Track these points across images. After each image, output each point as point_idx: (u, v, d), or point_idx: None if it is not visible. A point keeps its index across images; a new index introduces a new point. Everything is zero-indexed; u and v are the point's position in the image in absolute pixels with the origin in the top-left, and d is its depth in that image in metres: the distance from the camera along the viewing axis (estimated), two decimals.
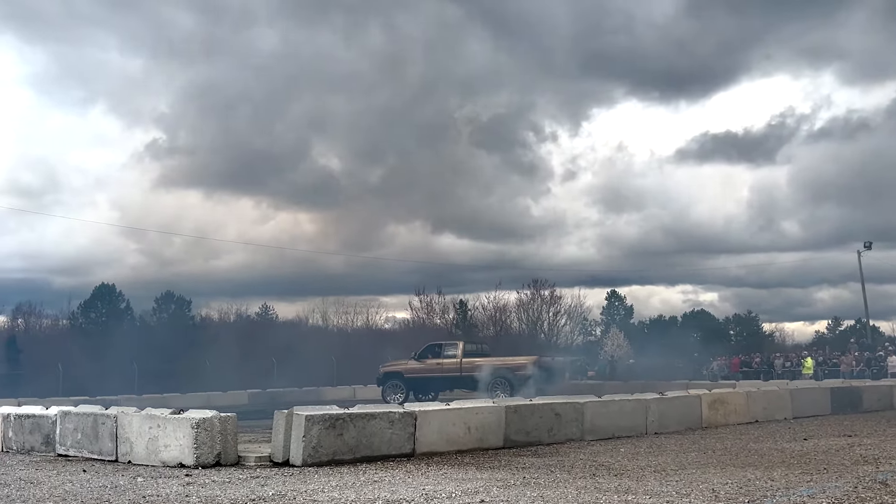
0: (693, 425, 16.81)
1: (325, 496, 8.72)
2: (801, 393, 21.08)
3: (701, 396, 17.80)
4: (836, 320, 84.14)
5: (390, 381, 30.49)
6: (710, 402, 17.66)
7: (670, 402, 16.91)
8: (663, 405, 16.54)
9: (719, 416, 17.63)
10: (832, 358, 43.23)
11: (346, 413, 11.87)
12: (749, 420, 18.23)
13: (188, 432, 11.35)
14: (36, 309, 58.67)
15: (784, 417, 19.12)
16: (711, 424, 17.18)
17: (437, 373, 29.79)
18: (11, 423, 14.17)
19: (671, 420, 16.39)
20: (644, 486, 9.22)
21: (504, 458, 12.04)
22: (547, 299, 70.12)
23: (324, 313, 68.75)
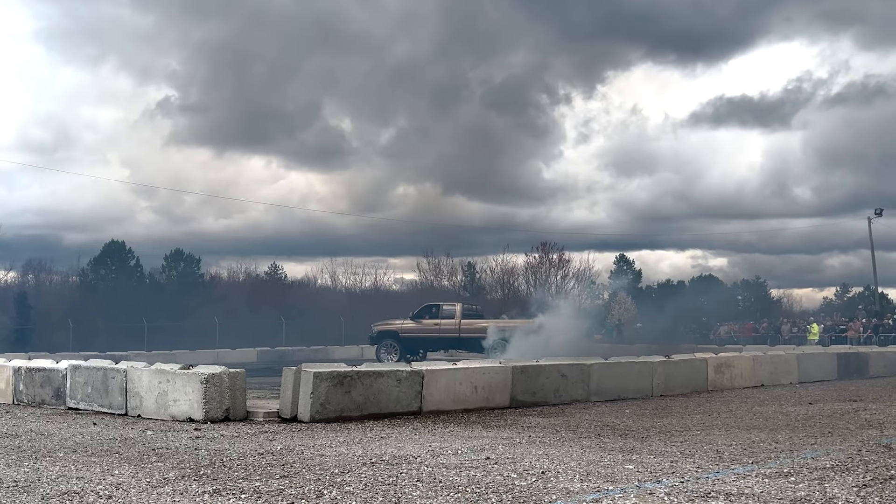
0: (699, 388, 16.88)
1: (332, 451, 8.81)
2: (807, 358, 21.12)
3: (707, 360, 17.85)
4: (844, 287, 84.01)
5: (385, 340, 30.54)
6: (716, 366, 17.72)
7: (676, 364, 16.97)
8: (669, 368, 16.60)
9: (725, 380, 17.70)
10: (840, 324, 43.21)
11: (353, 371, 11.96)
12: (755, 384, 18.30)
13: (197, 387, 11.45)
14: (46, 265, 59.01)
15: (790, 382, 19.18)
16: (717, 388, 17.24)
17: (434, 333, 29.91)
18: (22, 377, 14.31)
19: (677, 383, 16.46)
20: (649, 446, 9.29)
21: (510, 418, 12.13)
22: (555, 262, 70.23)
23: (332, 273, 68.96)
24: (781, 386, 18.43)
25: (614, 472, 7.53)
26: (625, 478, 7.27)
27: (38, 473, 7.48)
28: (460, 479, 7.20)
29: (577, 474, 7.42)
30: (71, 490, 6.69)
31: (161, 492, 6.65)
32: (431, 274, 69.02)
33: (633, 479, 7.18)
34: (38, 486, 6.89)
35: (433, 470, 7.64)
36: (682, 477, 7.32)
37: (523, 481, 7.08)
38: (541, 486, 6.90)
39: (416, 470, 7.63)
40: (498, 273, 69.36)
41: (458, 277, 69.80)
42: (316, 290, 62.83)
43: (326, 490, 6.70)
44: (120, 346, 31.94)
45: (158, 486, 6.87)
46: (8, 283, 52.65)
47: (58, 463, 8.07)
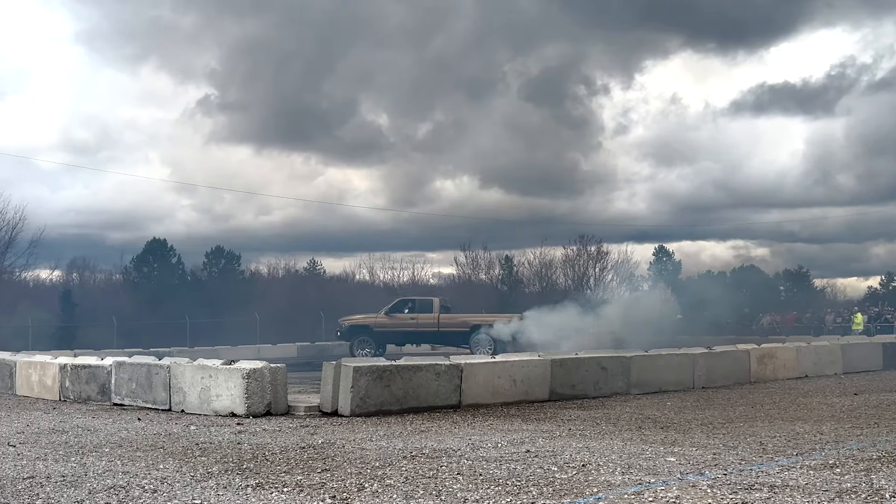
0: (741, 380, 16.69)
1: (373, 445, 8.85)
2: (852, 348, 20.78)
3: (749, 351, 17.65)
4: (889, 276, 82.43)
5: (358, 335, 29.97)
6: (758, 357, 17.52)
7: (718, 356, 16.80)
8: (711, 360, 16.44)
9: (768, 371, 17.48)
10: (885, 314, 42.46)
11: (392, 365, 12.00)
12: (798, 375, 18.06)
13: (239, 382, 11.57)
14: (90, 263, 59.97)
15: (834, 373, 18.90)
16: (760, 379, 17.05)
17: (410, 327, 29.63)
18: (68, 374, 14.57)
19: (719, 374, 16.29)
20: (691, 438, 9.21)
21: (549, 411, 12.09)
22: (593, 255, 69.84)
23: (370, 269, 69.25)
24: (826, 377, 18.17)
25: (656, 465, 7.48)
26: (667, 470, 7.22)
27: (84, 468, 7.61)
28: (500, 472, 7.20)
29: (619, 467, 7.38)
30: (117, 484, 6.80)
31: (205, 486, 6.73)
32: (469, 268, 69.00)
33: (675, 472, 7.13)
34: (85, 480, 7.01)
35: (473, 463, 7.64)
36: (726, 469, 7.25)
37: (564, 474, 7.06)
38: (581, 478, 6.87)
39: (456, 463, 7.65)
40: (536, 266, 69.15)
41: (496, 271, 69.66)
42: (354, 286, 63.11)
43: (368, 483, 6.74)
44: (163, 343, 32.34)
45: (202, 481, 6.96)
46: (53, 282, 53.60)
47: (104, 458, 8.21)
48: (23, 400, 14.85)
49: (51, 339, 37.03)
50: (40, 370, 15.36)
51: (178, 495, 6.37)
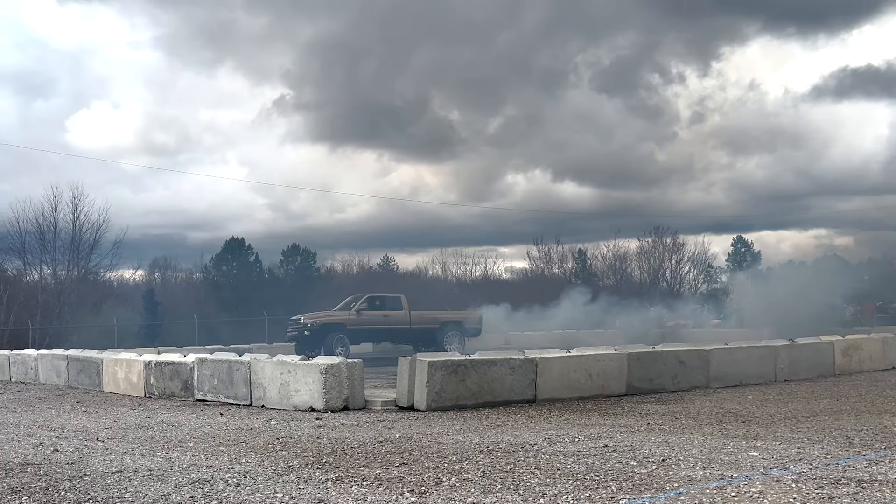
0: (825, 372, 16.25)
1: (449, 439, 8.89)
2: None
3: (833, 343, 17.16)
4: None
5: (333, 332, 27.53)
6: (843, 349, 17.03)
7: (801, 348, 16.38)
8: (793, 352, 16.04)
9: (853, 363, 16.99)
10: None
11: (467, 359, 12.02)
12: (885, 367, 17.51)
13: (317, 377, 11.75)
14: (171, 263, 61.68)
15: None
16: (845, 371, 16.57)
17: (383, 325, 28.42)
18: (153, 371, 14.99)
19: (802, 367, 15.89)
20: (773, 432, 9.00)
21: (627, 405, 11.96)
22: (669, 247, 68.77)
23: (443, 264, 69.57)
24: None
25: (738, 459, 7.33)
26: (749, 465, 7.07)
27: (170, 462, 7.82)
28: (578, 466, 7.15)
29: (700, 461, 7.25)
30: (201, 478, 6.97)
31: (286, 479, 6.85)
32: (542, 262, 68.74)
33: (758, 466, 6.98)
34: (171, 474, 7.21)
35: (550, 458, 7.61)
36: (811, 463, 7.07)
37: (643, 469, 6.98)
38: (661, 473, 6.78)
39: (533, 458, 7.62)
40: (610, 259, 68.47)
41: (569, 265, 69.21)
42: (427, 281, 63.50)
43: (445, 477, 6.77)
44: (242, 339, 33.02)
45: (284, 474, 7.09)
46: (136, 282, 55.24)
47: (188, 452, 8.42)
48: (109, 396, 15.34)
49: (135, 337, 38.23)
50: (126, 367, 15.85)
51: (260, 489, 6.49)
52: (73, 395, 15.90)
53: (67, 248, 46.08)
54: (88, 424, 11.08)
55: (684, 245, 69.08)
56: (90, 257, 47.45)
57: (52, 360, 19.05)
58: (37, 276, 45.80)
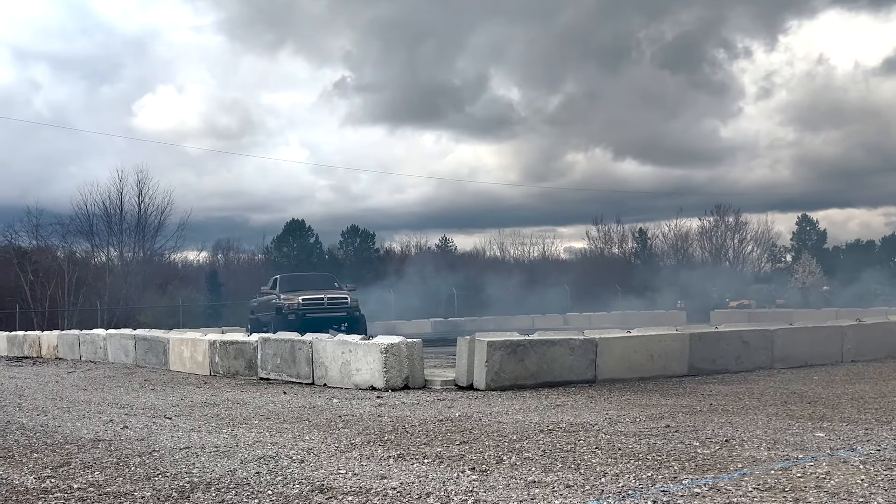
0: (894, 353, 15.84)
1: (509, 418, 8.91)
2: None
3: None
4: None
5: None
6: None
7: (868, 328, 16.01)
8: (861, 332, 15.68)
9: None
10: None
11: (526, 339, 12.01)
12: None
13: (378, 357, 11.86)
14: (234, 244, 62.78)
15: None
16: None
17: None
18: (217, 350, 15.29)
19: (869, 348, 15.53)
20: (840, 413, 8.83)
21: (689, 386, 11.84)
22: (731, 226, 67.61)
23: (501, 244, 69.53)
24: None
25: (803, 440, 7.21)
26: (815, 446, 6.95)
27: (235, 439, 7.99)
28: (640, 446, 7.11)
29: (764, 442, 7.16)
30: (266, 455, 7.10)
31: (349, 456, 6.95)
32: (601, 242, 68.19)
33: (824, 447, 6.86)
34: (237, 451, 7.36)
35: (611, 437, 7.58)
36: (879, 445, 6.92)
37: (706, 449, 6.91)
38: (725, 454, 6.71)
39: (593, 437, 7.60)
40: (671, 238, 67.60)
41: (629, 245, 68.55)
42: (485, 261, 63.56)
43: (506, 456, 6.79)
44: None
45: (346, 451, 7.19)
46: (200, 263, 56.33)
47: (253, 429, 8.59)
48: (176, 375, 15.70)
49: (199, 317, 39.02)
50: (191, 347, 16.20)
51: (323, 465, 6.60)
52: (141, 373, 16.32)
53: (133, 231, 47.26)
54: (156, 402, 11.36)
55: (747, 224, 67.92)
56: (155, 239, 48.59)
57: (120, 339, 19.57)
58: (104, 258, 47.05)
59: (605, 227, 68.00)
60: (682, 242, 67.16)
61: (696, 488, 5.52)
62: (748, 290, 51.17)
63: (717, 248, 67.09)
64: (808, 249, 70.06)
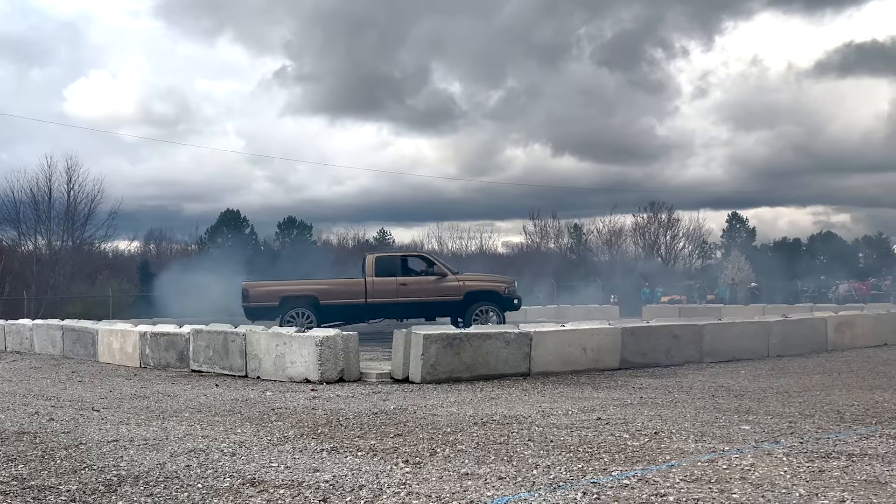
0: (818, 348, 16.33)
1: (444, 411, 8.94)
2: None
3: (826, 319, 17.24)
4: None
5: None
6: (836, 325, 17.11)
7: (794, 324, 16.46)
8: (787, 328, 16.11)
9: (846, 339, 17.07)
10: None
11: (462, 333, 12.07)
12: (878, 343, 17.60)
13: (313, 350, 11.78)
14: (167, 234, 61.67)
15: None
16: (837, 347, 16.66)
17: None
18: (148, 341, 15.01)
19: (794, 343, 15.96)
20: (766, 406, 9.07)
21: (620, 379, 12.03)
22: (664, 222, 68.86)
23: (439, 238, 69.64)
24: None
25: (730, 433, 7.39)
26: (741, 438, 7.13)
27: (165, 432, 7.86)
28: (571, 438, 7.20)
29: (692, 434, 7.32)
30: (197, 448, 7.01)
31: (281, 449, 6.90)
32: (537, 236, 68.82)
33: (749, 440, 7.04)
34: (167, 444, 7.25)
35: (544, 430, 7.67)
36: (802, 437, 7.13)
37: (636, 441, 7.04)
38: (654, 446, 6.84)
39: (527, 430, 7.68)
40: (605, 234, 68.56)
41: (565, 239, 69.33)
42: None
43: (440, 448, 6.82)
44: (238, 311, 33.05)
45: (279, 444, 7.13)
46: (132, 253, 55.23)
47: (184, 422, 8.46)
48: (105, 367, 15.38)
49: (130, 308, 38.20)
50: (121, 338, 15.88)
51: (255, 458, 6.54)
52: (69, 365, 15.93)
53: (62, 219, 45.99)
54: (84, 394, 11.12)
55: (679, 221, 69.25)
56: (85, 228, 47.35)
57: (47, 330, 19.07)
58: (31, 246, 45.73)
59: (541, 222, 68.71)
60: (616, 238, 68.21)
61: (626, 480, 5.62)
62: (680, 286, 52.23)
63: (650, 245, 68.30)
64: (737, 247, 71.78)
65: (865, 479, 5.53)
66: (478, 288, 21.84)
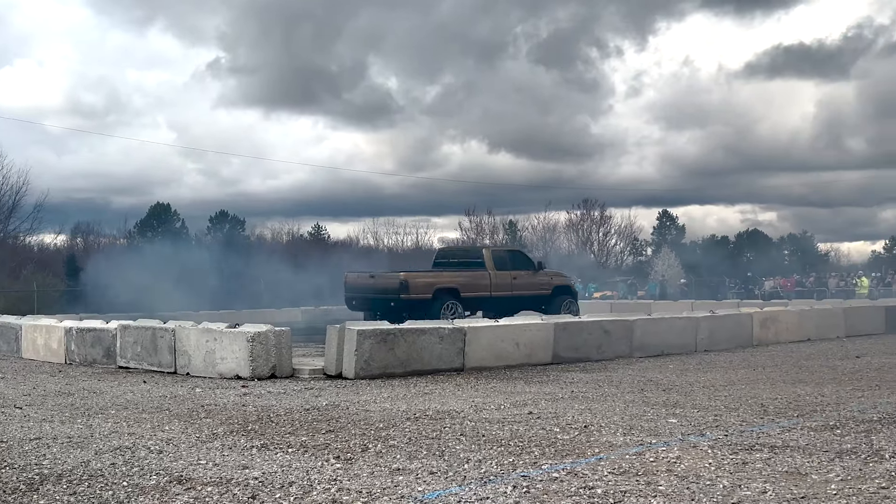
0: (744, 343, 16.74)
1: (377, 406, 8.92)
2: (854, 312, 20.81)
3: (752, 315, 17.68)
4: (893, 240, 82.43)
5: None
6: (761, 321, 17.55)
7: (721, 320, 16.83)
8: (714, 323, 16.47)
9: (770, 335, 17.53)
10: (888, 277, 42.50)
11: (396, 328, 12.05)
12: (801, 338, 18.10)
13: (244, 345, 11.63)
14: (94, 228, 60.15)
15: (837, 336, 18.93)
16: (763, 342, 17.09)
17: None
18: (74, 337, 14.65)
19: (721, 338, 16.33)
20: (692, 400, 9.26)
21: (552, 374, 12.16)
22: (597, 220, 69.81)
23: (375, 233, 69.40)
24: (828, 340, 18.20)
25: (658, 426, 7.53)
26: (668, 431, 7.27)
27: (90, 430, 7.68)
28: (503, 433, 7.25)
29: (620, 428, 7.43)
30: (123, 445, 6.86)
31: (210, 447, 6.80)
32: (473, 232, 69.07)
33: (676, 433, 7.18)
34: (92, 441, 7.08)
35: (476, 424, 7.70)
36: (727, 430, 7.30)
37: (566, 435, 7.12)
38: (583, 439, 6.93)
39: (459, 424, 7.71)
40: (540, 231, 69.21)
41: (500, 236, 69.73)
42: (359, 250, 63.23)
43: (372, 444, 6.80)
44: (167, 307, 32.44)
45: (208, 442, 7.03)
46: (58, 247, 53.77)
47: (110, 420, 8.28)
48: (29, 363, 14.95)
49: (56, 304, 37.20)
50: (46, 334, 15.46)
51: (183, 455, 6.43)
52: None
53: None
54: (6, 391, 10.79)
55: (612, 218, 70.29)
56: (9, 221, 45.99)
57: None
58: None
59: (477, 219, 68.99)
60: (551, 235, 68.92)
61: (555, 473, 5.68)
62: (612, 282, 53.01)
63: (583, 241, 69.18)
64: (667, 244, 73.14)
65: (787, 471, 5.69)
66: (561, 283, 23.46)
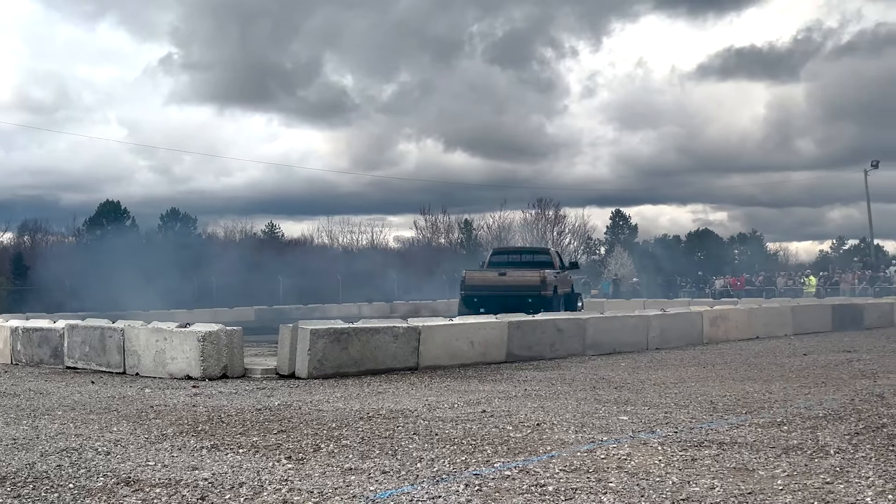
0: (694, 341, 16.97)
1: (329, 406, 8.87)
2: (802, 310, 21.23)
3: (702, 313, 17.93)
4: (840, 239, 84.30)
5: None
6: (711, 319, 17.80)
7: (672, 318, 17.04)
8: (665, 321, 16.67)
9: (720, 333, 17.79)
10: (834, 276, 43.41)
11: (350, 327, 11.99)
12: (750, 336, 18.40)
13: (194, 345, 11.49)
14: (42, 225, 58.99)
15: (785, 334, 19.29)
16: (712, 340, 17.34)
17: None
18: (20, 337, 14.35)
19: (672, 336, 16.54)
20: (643, 397, 9.36)
21: (506, 372, 12.20)
22: (551, 219, 70.25)
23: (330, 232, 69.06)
24: (776, 338, 18.54)
25: (609, 424, 7.59)
26: (619, 429, 7.33)
27: (36, 431, 7.53)
28: (456, 431, 7.26)
29: (572, 426, 7.48)
30: (69, 447, 6.74)
31: (159, 448, 6.70)
32: (428, 231, 69.12)
33: (627, 430, 7.25)
34: (37, 443, 6.94)
35: (429, 423, 7.70)
36: (677, 427, 7.38)
37: (518, 433, 7.14)
38: (536, 437, 6.96)
39: (412, 423, 7.69)
40: (495, 230, 69.42)
41: (455, 235, 69.86)
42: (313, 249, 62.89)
43: (324, 444, 6.75)
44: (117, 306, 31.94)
45: (157, 443, 6.92)
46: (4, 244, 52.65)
47: (56, 421, 8.12)
48: None
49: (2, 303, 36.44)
50: None
51: (131, 457, 6.33)
52: None
53: None
54: None
55: (566, 217, 70.81)
56: None
57: None
58: None
59: (432, 217, 69.04)
60: (505, 234, 69.13)
61: (507, 471, 5.70)
62: None
63: (537, 240, 69.51)
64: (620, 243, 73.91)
65: (734, 467, 5.77)
66: (573, 280, 25.34)
